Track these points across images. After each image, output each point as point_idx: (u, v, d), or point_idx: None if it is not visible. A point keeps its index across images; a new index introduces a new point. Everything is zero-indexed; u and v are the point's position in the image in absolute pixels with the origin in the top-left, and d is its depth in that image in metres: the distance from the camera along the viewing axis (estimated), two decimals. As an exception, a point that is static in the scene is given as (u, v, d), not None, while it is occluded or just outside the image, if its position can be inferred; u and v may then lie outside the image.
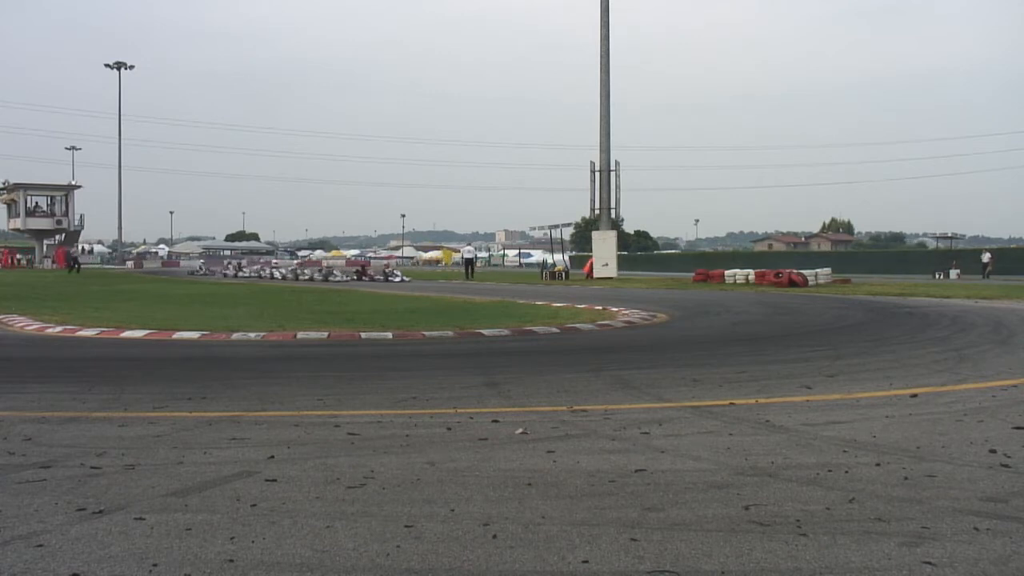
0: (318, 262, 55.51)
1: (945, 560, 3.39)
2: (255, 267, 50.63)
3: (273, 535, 3.68)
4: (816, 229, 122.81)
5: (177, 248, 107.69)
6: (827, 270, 34.92)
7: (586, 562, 3.38)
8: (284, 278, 41.10)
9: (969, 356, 10.21)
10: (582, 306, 19.31)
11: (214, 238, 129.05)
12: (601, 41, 40.20)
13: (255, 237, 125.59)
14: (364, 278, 38.79)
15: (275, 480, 4.55)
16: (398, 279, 37.36)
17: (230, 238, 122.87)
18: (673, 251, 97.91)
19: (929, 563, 3.36)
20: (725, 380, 8.28)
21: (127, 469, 4.78)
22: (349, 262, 55.71)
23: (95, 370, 9.24)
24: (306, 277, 40.28)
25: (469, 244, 57.81)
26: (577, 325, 14.53)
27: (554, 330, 13.73)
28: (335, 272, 40.51)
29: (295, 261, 63.77)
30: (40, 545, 3.53)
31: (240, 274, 46.50)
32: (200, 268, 56.03)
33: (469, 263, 42.22)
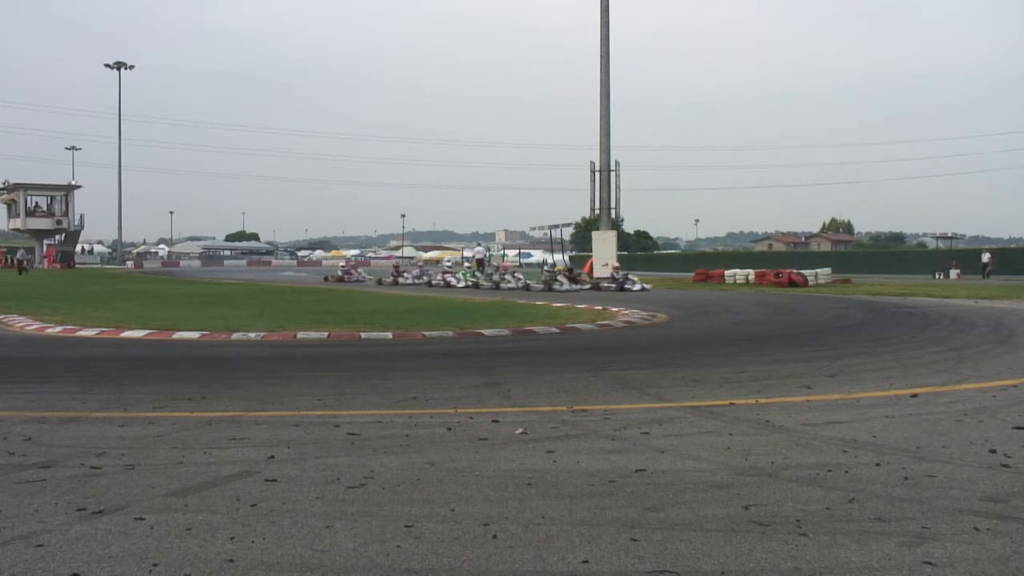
0: (504, 264, 34.15)
1: (945, 560, 3.39)
2: (416, 270, 36.18)
3: (273, 535, 3.67)
4: (816, 229, 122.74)
5: (177, 248, 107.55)
6: (827, 270, 34.93)
7: (586, 562, 3.38)
8: (476, 285, 29.35)
9: (969, 356, 10.21)
10: (582, 306, 19.31)
11: (214, 238, 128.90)
12: (601, 41, 40.16)
13: (255, 237, 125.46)
14: (578, 284, 27.93)
15: (275, 480, 4.55)
16: (637, 287, 26.70)
17: (230, 238, 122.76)
18: (673, 251, 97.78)
19: (929, 563, 3.36)
20: (725, 380, 8.28)
21: (127, 469, 4.78)
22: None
23: (95, 370, 9.24)
24: (511, 285, 28.37)
25: (480, 244, 58.30)
26: (577, 325, 14.53)
27: (554, 330, 13.73)
28: (559, 279, 27.32)
29: (465, 262, 43.15)
30: (40, 545, 3.53)
31: (400, 280, 32.94)
32: (353, 273, 37.26)
33: (480, 263, 43.44)
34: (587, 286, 27.94)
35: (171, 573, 3.26)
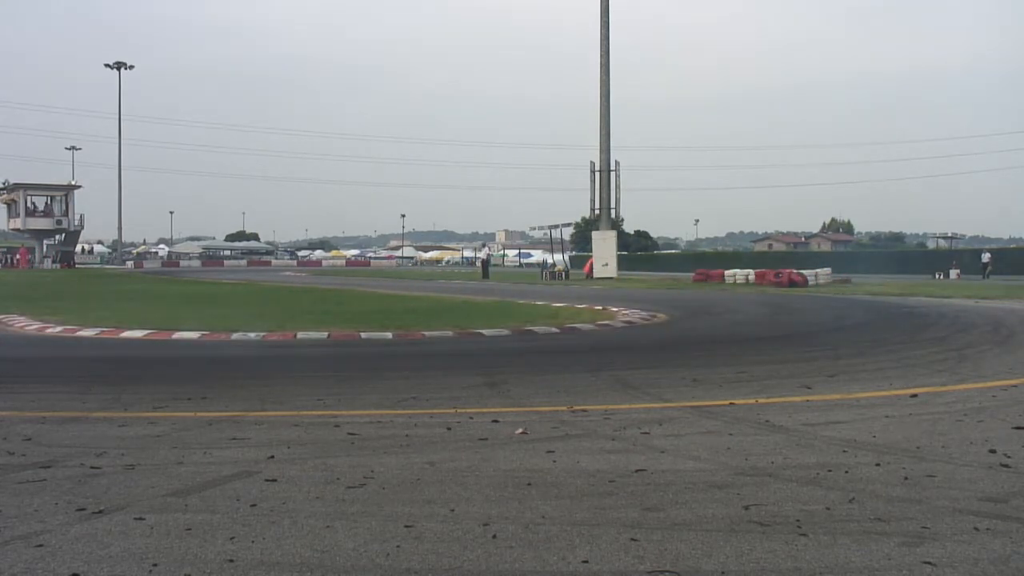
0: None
1: (945, 560, 3.39)
2: None
3: (273, 535, 3.67)
4: (816, 229, 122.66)
5: (177, 248, 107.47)
6: (827, 270, 34.92)
7: (586, 562, 3.38)
8: None
9: (969, 356, 10.21)
10: (582, 306, 19.31)
11: (214, 238, 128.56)
12: (601, 41, 40.22)
13: (255, 237, 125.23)
14: None
15: (275, 480, 4.55)
16: None
17: (230, 238, 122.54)
18: (673, 251, 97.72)
19: (929, 563, 3.36)
20: (725, 380, 8.28)
21: (127, 469, 4.78)
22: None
23: (95, 370, 9.24)
24: None
25: (485, 245, 59.40)
26: (577, 325, 14.52)
27: (554, 330, 13.73)
28: None
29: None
30: (40, 545, 3.53)
31: None
32: None
33: (485, 264, 44.70)
34: None
35: (171, 573, 3.26)
